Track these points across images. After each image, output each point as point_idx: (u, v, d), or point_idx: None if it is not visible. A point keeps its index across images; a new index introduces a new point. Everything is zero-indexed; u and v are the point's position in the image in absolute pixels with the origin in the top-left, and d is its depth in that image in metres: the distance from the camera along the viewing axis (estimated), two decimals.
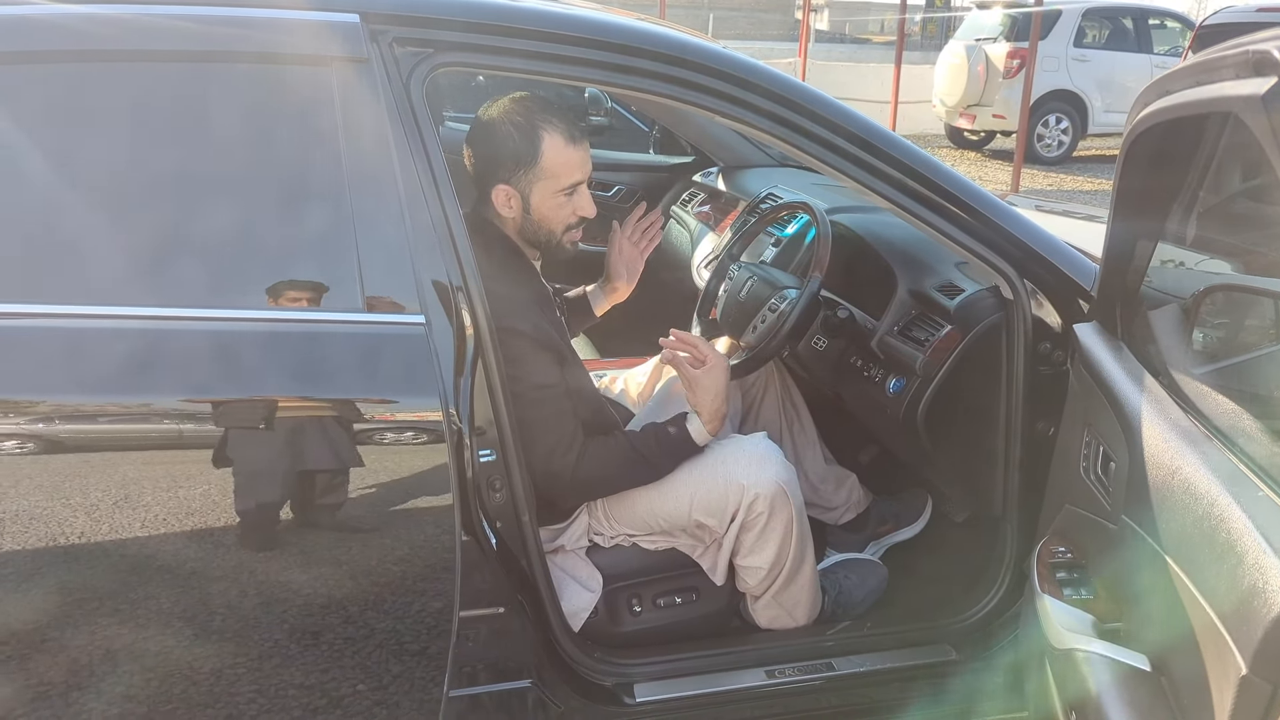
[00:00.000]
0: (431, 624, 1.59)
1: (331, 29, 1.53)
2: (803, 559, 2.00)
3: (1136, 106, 1.38)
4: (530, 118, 1.83)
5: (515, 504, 1.68)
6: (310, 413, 1.51)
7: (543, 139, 1.82)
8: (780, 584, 1.99)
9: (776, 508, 1.91)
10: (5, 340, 1.39)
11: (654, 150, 4.14)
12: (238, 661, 1.53)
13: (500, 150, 1.84)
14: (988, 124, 11.85)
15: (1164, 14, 12.60)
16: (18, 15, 1.43)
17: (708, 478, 1.91)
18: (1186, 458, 1.25)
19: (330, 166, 1.51)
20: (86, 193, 1.45)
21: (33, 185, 1.43)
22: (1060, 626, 1.41)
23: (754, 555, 1.95)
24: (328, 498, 1.54)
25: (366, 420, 1.53)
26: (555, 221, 1.90)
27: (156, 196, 1.49)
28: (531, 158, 1.83)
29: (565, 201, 1.88)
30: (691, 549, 2.00)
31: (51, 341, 1.41)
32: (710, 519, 1.91)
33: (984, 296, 1.96)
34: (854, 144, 1.80)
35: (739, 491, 1.89)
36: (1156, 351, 1.56)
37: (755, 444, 1.97)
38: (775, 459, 1.93)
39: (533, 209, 1.87)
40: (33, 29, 1.43)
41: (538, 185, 1.85)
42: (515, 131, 1.82)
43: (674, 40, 1.74)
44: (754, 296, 2.20)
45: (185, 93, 1.50)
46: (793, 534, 1.95)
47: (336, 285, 1.51)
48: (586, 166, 1.90)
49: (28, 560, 1.40)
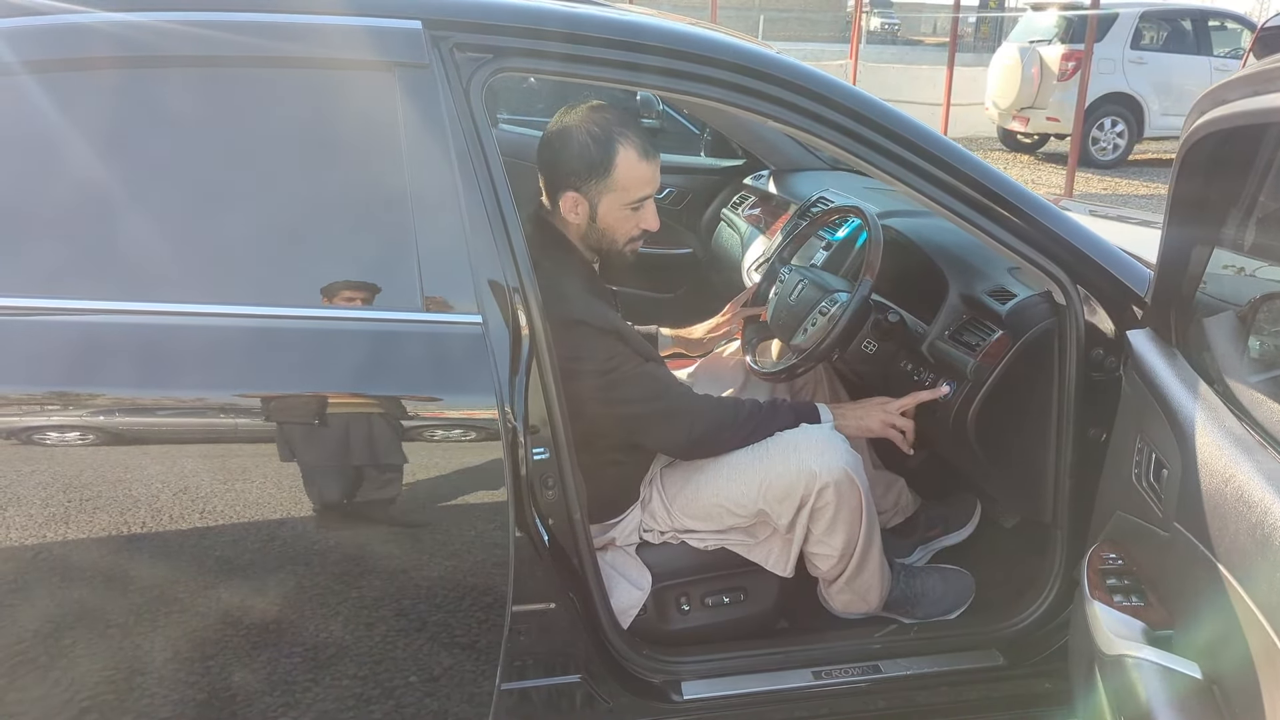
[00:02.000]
0: (485, 618, 1.63)
1: (394, 35, 1.57)
2: (871, 544, 2.02)
3: (1193, 115, 1.38)
4: (608, 129, 1.85)
5: (567, 501, 1.71)
6: (370, 409, 1.55)
7: (617, 151, 1.84)
8: (853, 569, 2.02)
9: (845, 494, 1.93)
10: (101, 336, 1.46)
11: (705, 153, 4.16)
12: (294, 650, 1.58)
13: (574, 157, 1.86)
14: (1041, 127, 11.71)
15: (1224, 15, 12.37)
16: (95, 23, 1.48)
17: (777, 464, 1.93)
18: (1241, 466, 1.24)
19: (392, 169, 1.55)
20: (168, 196, 1.51)
21: (117, 189, 1.48)
22: (1111, 633, 1.41)
23: (825, 542, 1.98)
24: (386, 492, 1.57)
25: (425, 418, 1.57)
26: (619, 233, 1.92)
27: (227, 198, 1.54)
28: (604, 169, 1.85)
29: (631, 215, 1.91)
30: (745, 548, 2.02)
31: (139, 337, 1.47)
32: (779, 506, 1.93)
33: (1036, 302, 1.95)
34: (908, 149, 1.81)
35: (810, 478, 1.91)
36: (1211, 359, 1.55)
37: (822, 432, 1.99)
38: (842, 446, 1.96)
39: (599, 218, 1.90)
40: (113, 37, 1.49)
41: (606, 196, 1.87)
42: (591, 141, 1.85)
43: (731, 47, 1.76)
44: (804, 299, 2.22)
45: (254, 98, 1.55)
46: (862, 520, 1.98)
47: (397, 285, 1.55)
48: (656, 182, 1.93)
49: (107, 546, 1.46)
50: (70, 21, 1.47)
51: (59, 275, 1.46)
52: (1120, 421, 1.75)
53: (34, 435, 1.42)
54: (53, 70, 1.46)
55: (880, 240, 2.12)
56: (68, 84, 1.46)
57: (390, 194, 1.56)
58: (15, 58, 1.44)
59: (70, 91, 1.46)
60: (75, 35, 1.47)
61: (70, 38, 1.47)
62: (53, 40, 1.46)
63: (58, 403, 1.44)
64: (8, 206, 1.45)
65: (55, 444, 1.43)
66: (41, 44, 1.46)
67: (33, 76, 1.45)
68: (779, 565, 2.02)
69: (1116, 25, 11.09)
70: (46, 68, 1.46)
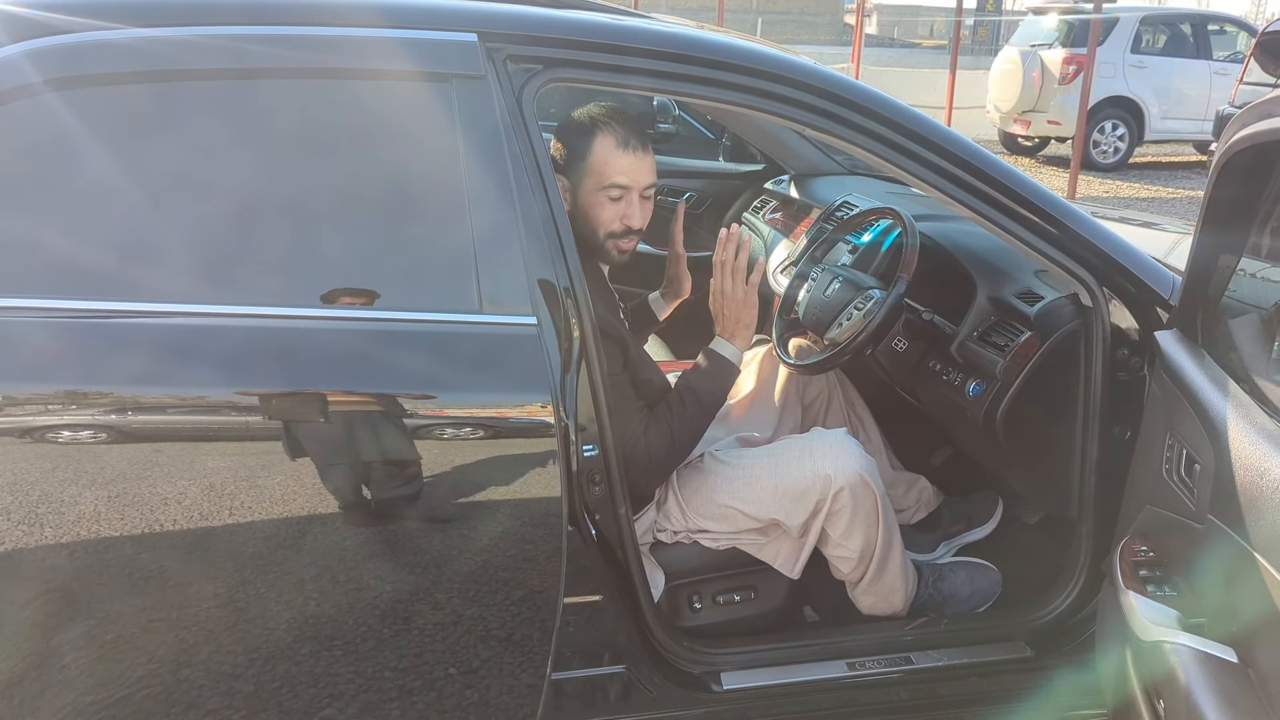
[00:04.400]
0: (538, 611, 1.68)
1: (451, 48, 1.63)
2: (890, 545, 2.07)
3: (1234, 126, 1.44)
4: (594, 117, 1.95)
5: (613, 496, 1.76)
6: (430, 409, 1.60)
7: (596, 136, 1.94)
8: (874, 570, 2.07)
9: (860, 497, 1.98)
10: (178, 337, 1.51)
11: (723, 158, 4.22)
12: (351, 643, 1.63)
13: (564, 142, 1.98)
14: (1043, 130, 11.78)
15: (1223, 19, 12.45)
16: (154, 38, 1.54)
17: (792, 469, 1.99)
18: (1275, 459, 1.30)
19: (450, 176, 1.61)
20: (244, 202, 1.57)
21: (187, 197, 1.54)
22: (1147, 621, 1.47)
23: (843, 545, 2.03)
24: (443, 490, 1.62)
25: (482, 417, 1.62)
26: (597, 221, 1.97)
27: (297, 204, 1.59)
28: (583, 152, 1.95)
29: (608, 203, 1.95)
30: (756, 547, 2.07)
31: (216, 339, 1.52)
32: (793, 509, 1.98)
33: (1063, 304, 2.01)
34: (937, 154, 1.86)
35: (825, 482, 1.96)
36: (1238, 359, 1.61)
37: (836, 436, 2.05)
38: (855, 449, 2.01)
39: (578, 202, 1.97)
40: (199, 50, 1.55)
41: (585, 180, 1.96)
42: (578, 127, 1.96)
43: (773, 58, 1.82)
44: (839, 296, 2.28)
45: (320, 107, 1.60)
46: (878, 522, 2.03)
47: (456, 288, 1.60)
48: (637, 176, 1.96)
49: (144, 541, 1.51)
50: (137, 37, 1.53)
51: (142, 278, 1.52)
52: (1148, 419, 1.81)
53: (135, 433, 1.48)
54: (157, 80, 1.53)
55: (917, 241, 2.18)
56: (172, 94, 1.54)
57: (449, 200, 1.61)
58: (68, 73, 1.50)
59: (163, 102, 1.53)
60: (141, 52, 1.53)
61: (141, 53, 1.53)
62: (123, 55, 1.52)
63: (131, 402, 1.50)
64: (85, 213, 1.51)
65: (138, 441, 1.48)
66: (117, 59, 1.52)
67: (144, 86, 1.53)
68: (787, 565, 2.06)
69: (1117, 29, 11.17)
70: (147, 78, 1.53)
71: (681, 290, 2.31)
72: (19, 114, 1.46)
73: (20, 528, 1.44)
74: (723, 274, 1.97)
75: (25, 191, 1.48)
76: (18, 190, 1.48)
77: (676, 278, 2.30)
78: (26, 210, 1.48)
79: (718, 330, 2.01)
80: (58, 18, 1.51)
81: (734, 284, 1.97)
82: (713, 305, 2.01)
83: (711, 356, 2.00)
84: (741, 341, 2.01)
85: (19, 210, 1.48)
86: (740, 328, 2.00)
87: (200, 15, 1.59)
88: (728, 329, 2.00)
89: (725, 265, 1.97)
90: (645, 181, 1.98)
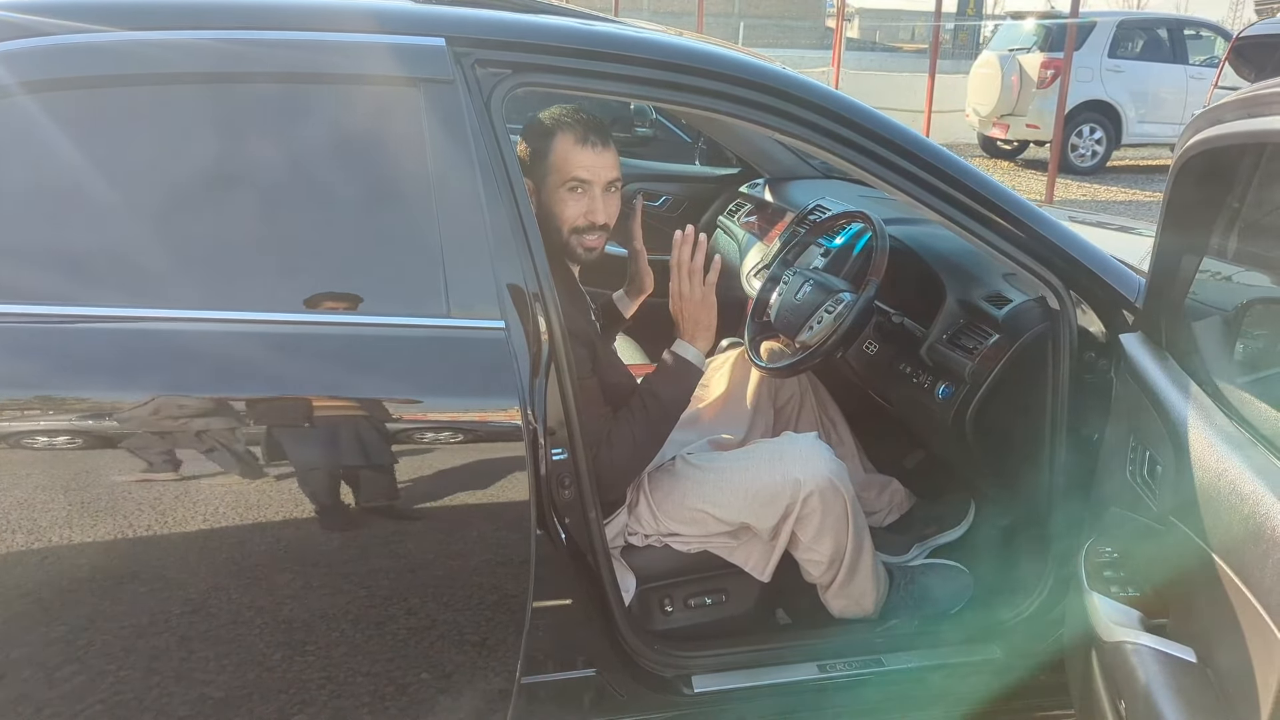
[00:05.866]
0: (507, 614, 1.68)
1: (419, 52, 1.63)
2: (861, 549, 2.08)
3: (1189, 132, 1.46)
4: (555, 117, 1.97)
5: (583, 500, 1.76)
6: (396, 412, 1.60)
7: (556, 135, 1.95)
8: (844, 574, 2.08)
9: (829, 501, 2.00)
10: (138, 343, 1.51)
11: (699, 161, 4.23)
12: (316, 649, 1.62)
13: (528, 144, 1.99)
14: (1021, 134, 11.87)
15: (1199, 24, 12.57)
16: (129, 41, 1.54)
17: (763, 473, 2.00)
18: (1232, 461, 1.32)
19: (418, 180, 1.61)
20: (204, 207, 1.56)
21: (152, 201, 1.54)
22: (1110, 621, 1.48)
23: (813, 549, 2.04)
24: (410, 494, 1.61)
25: (450, 420, 1.62)
26: (561, 218, 1.97)
27: (259, 208, 1.59)
28: (545, 151, 1.96)
29: (570, 198, 1.96)
30: (727, 550, 2.08)
31: (179, 343, 1.52)
32: (763, 512, 1.99)
33: (1031, 307, 2.03)
34: (906, 159, 1.88)
35: (794, 486, 1.98)
36: (1200, 361, 1.62)
37: (806, 441, 2.06)
38: (825, 454, 2.03)
39: (543, 202, 1.98)
40: (149, 56, 1.54)
41: (547, 178, 1.97)
42: (540, 128, 1.98)
43: (741, 63, 1.83)
44: (809, 299, 2.29)
45: (285, 112, 1.60)
46: (849, 526, 2.04)
47: (423, 292, 1.60)
48: (598, 170, 1.96)
49: (129, 548, 1.50)
50: (108, 40, 1.52)
51: (94, 282, 1.51)
52: (1113, 421, 1.83)
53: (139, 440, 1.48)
54: (91, 86, 1.51)
55: (886, 244, 2.19)
56: (108, 100, 1.52)
57: (417, 204, 1.61)
58: (56, 74, 1.50)
59: (109, 108, 1.52)
60: (115, 54, 1.52)
61: (109, 56, 1.52)
62: (90, 58, 1.51)
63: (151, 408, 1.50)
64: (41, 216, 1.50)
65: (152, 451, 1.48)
66: (78, 62, 1.51)
67: (74, 92, 1.51)
68: (758, 569, 2.07)
69: (1094, 34, 11.27)
70: (82, 84, 1.51)
71: (644, 286, 2.30)
72: None
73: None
74: (680, 275, 1.96)
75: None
76: None
77: (638, 274, 2.29)
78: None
79: (679, 332, 2.01)
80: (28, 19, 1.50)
81: (691, 285, 1.96)
82: (672, 308, 2.00)
83: (673, 359, 2.00)
84: (703, 342, 2.00)
85: None
86: (700, 329, 1.99)
87: (167, 19, 1.59)
88: (688, 331, 1.99)
89: (682, 266, 1.96)
90: (607, 176, 1.98)
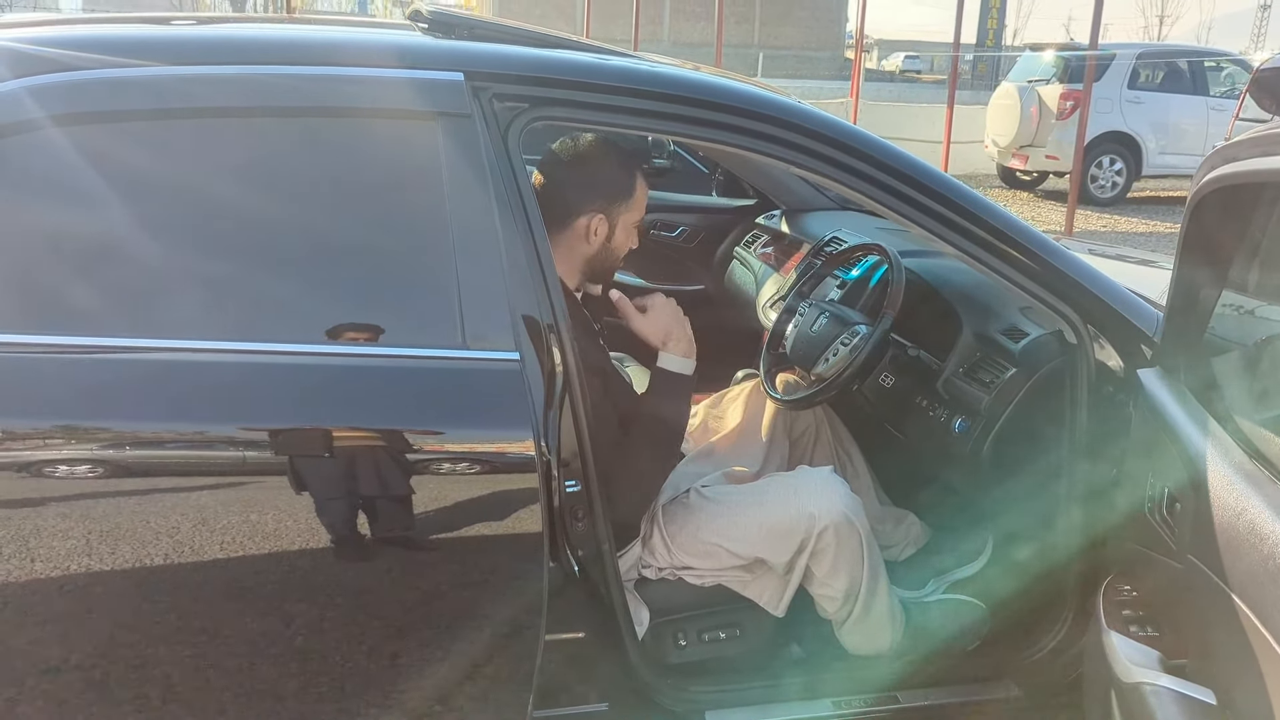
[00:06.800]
0: (519, 647, 1.67)
1: (438, 87, 1.64)
2: (876, 584, 2.06)
3: (1204, 168, 1.45)
4: (625, 154, 2.02)
5: (596, 533, 1.76)
6: (412, 444, 1.60)
7: (636, 174, 2.00)
8: (860, 609, 2.06)
9: (844, 536, 1.98)
10: (142, 371, 1.52)
11: (716, 192, 4.24)
12: (335, 678, 1.62)
13: (605, 181, 1.97)
14: (1041, 165, 11.87)
15: (1220, 56, 12.56)
16: (152, 77, 1.56)
17: (777, 508, 1.99)
18: (1252, 499, 1.30)
19: (435, 212, 1.62)
20: (224, 239, 1.58)
21: (172, 234, 1.55)
22: (1128, 662, 1.46)
23: (828, 584, 2.02)
24: (425, 525, 1.61)
25: (464, 451, 1.63)
26: (623, 250, 2.05)
27: (280, 240, 1.61)
28: (629, 190, 1.99)
29: (633, 233, 2.04)
30: (741, 584, 2.06)
31: (200, 375, 1.53)
32: (778, 546, 1.98)
33: (1048, 341, 2.02)
34: (921, 192, 1.88)
35: (809, 520, 1.96)
36: (1219, 397, 1.61)
37: (821, 475, 2.05)
38: (841, 489, 2.02)
39: (614, 238, 2.01)
40: (170, 89, 1.57)
41: (624, 216, 2.00)
42: (618, 166, 1.99)
43: (756, 97, 1.84)
44: (825, 331, 2.29)
45: (305, 146, 1.62)
46: (864, 562, 2.02)
47: (439, 323, 1.61)
48: None
49: (129, 575, 1.51)
50: (134, 75, 1.55)
51: (129, 313, 1.53)
52: (1132, 457, 1.81)
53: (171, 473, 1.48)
54: (116, 120, 1.54)
55: (902, 277, 2.19)
56: (132, 134, 1.54)
57: (434, 236, 1.62)
58: (83, 109, 1.52)
59: (133, 141, 1.54)
60: (140, 89, 1.55)
61: (135, 91, 1.54)
62: (116, 92, 1.54)
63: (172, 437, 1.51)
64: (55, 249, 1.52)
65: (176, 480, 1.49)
66: (105, 96, 1.53)
67: (100, 126, 1.53)
68: (772, 603, 2.06)
69: (1114, 66, 11.26)
70: (108, 119, 1.54)
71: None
72: None
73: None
74: (629, 314, 1.97)
75: (15, 226, 1.50)
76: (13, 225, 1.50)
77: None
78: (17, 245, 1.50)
79: (659, 348, 1.98)
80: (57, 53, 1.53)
81: (635, 313, 1.97)
82: (638, 329, 1.98)
83: (659, 376, 1.98)
84: (682, 347, 1.97)
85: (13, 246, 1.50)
86: (672, 337, 1.97)
87: (194, 55, 1.62)
88: (662, 343, 1.97)
89: (625, 307, 1.96)
90: None
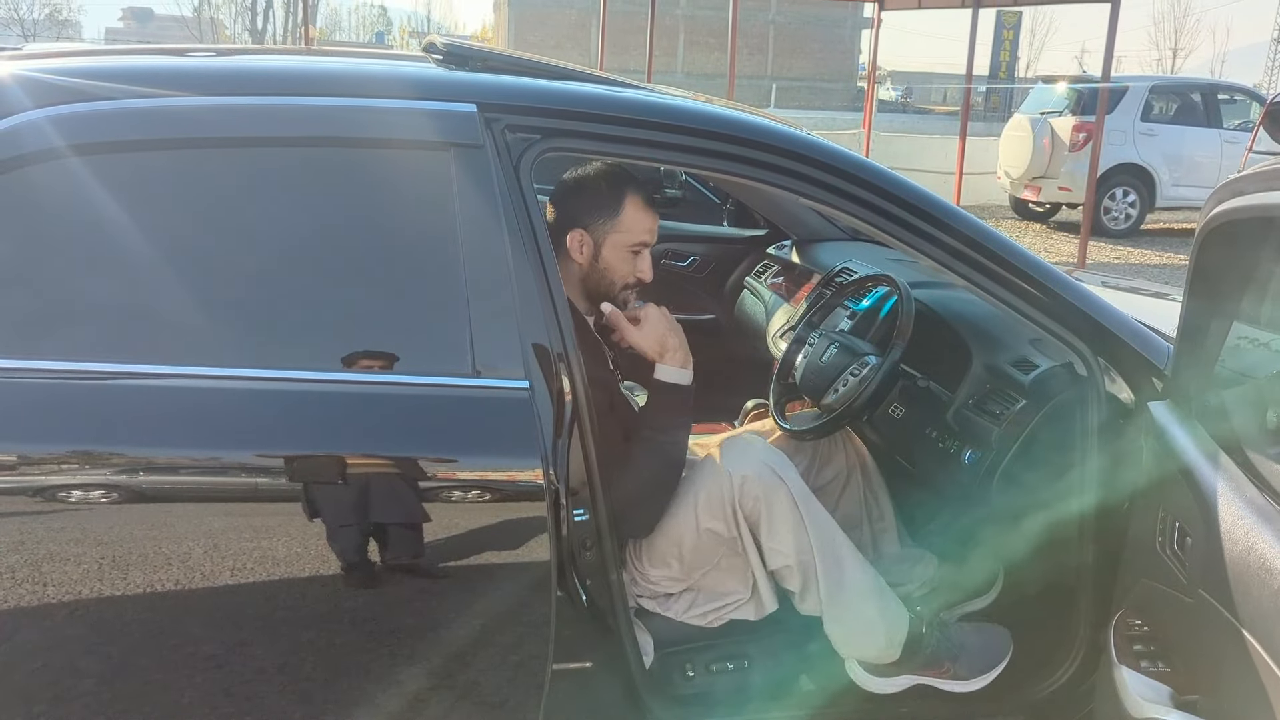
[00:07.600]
0: (526, 676, 1.67)
1: (451, 118, 1.66)
2: (835, 551, 2.00)
3: (1211, 203, 1.46)
4: (619, 176, 2.03)
5: (604, 562, 1.76)
6: (422, 471, 1.61)
7: (626, 195, 2.01)
8: (826, 586, 1.99)
9: (768, 484, 1.94)
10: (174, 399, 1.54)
11: (728, 223, 4.26)
12: (342, 705, 1.62)
13: (586, 199, 2.02)
14: (1053, 196, 11.87)
15: (1233, 89, 12.58)
16: (168, 107, 1.59)
17: (701, 477, 1.97)
18: (1262, 534, 1.29)
19: (447, 242, 1.63)
20: (239, 268, 1.60)
21: (189, 263, 1.58)
22: (1139, 698, 1.45)
23: (775, 550, 1.97)
24: (432, 553, 1.62)
25: (473, 480, 1.63)
26: (617, 274, 2.03)
27: (294, 269, 1.63)
28: (614, 210, 2.00)
29: (630, 259, 2.03)
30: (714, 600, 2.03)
31: (209, 402, 1.55)
32: (715, 519, 1.95)
33: (1058, 373, 2.01)
34: (931, 224, 1.88)
35: (727, 479, 1.94)
36: (1230, 430, 1.60)
37: (738, 440, 2.04)
38: (758, 444, 2.00)
39: (601, 258, 2.02)
40: (188, 119, 1.59)
41: (611, 236, 2.01)
42: (605, 185, 2.02)
43: (765, 129, 1.85)
44: (835, 362, 2.29)
45: (319, 175, 1.64)
46: (802, 518, 1.96)
47: (450, 351, 1.62)
48: (655, 233, 2.07)
49: (139, 601, 1.52)
50: (152, 106, 1.58)
51: (145, 340, 1.56)
52: (1143, 491, 1.80)
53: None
54: (135, 150, 1.56)
55: (912, 308, 2.19)
56: (150, 163, 1.57)
57: (445, 265, 1.63)
58: (99, 138, 1.54)
59: (151, 170, 1.57)
60: (158, 118, 1.57)
61: (153, 120, 1.57)
62: (134, 122, 1.56)
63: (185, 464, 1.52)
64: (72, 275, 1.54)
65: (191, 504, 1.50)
66: (124, 126, 1.56)
67: (123, 155, 1.55)
68: (754, 602, 2.03)
69: (1127, 97, 11.29)
70: (127, 148, 1.56)
71: None
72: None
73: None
74: (622, 327, 1.97)
75: (26, 255, 1.52)
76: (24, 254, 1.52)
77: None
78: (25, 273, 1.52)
79: (655, 360, 1.98)
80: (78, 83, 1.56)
81: (628, 325, 1.97)
82: (633, 343, 1.98)
83: (658, 389, 1.97)
84: (678, 358, 1.97)
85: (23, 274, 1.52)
86: (668, 349, 1.97)
87: (209, 86, 1.64)
88: (657, 355, 1.97)
89: (619, 320, 1.98)
90: (656, 237, 2.08)
